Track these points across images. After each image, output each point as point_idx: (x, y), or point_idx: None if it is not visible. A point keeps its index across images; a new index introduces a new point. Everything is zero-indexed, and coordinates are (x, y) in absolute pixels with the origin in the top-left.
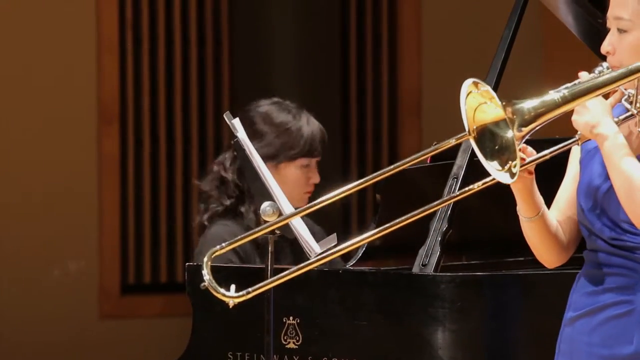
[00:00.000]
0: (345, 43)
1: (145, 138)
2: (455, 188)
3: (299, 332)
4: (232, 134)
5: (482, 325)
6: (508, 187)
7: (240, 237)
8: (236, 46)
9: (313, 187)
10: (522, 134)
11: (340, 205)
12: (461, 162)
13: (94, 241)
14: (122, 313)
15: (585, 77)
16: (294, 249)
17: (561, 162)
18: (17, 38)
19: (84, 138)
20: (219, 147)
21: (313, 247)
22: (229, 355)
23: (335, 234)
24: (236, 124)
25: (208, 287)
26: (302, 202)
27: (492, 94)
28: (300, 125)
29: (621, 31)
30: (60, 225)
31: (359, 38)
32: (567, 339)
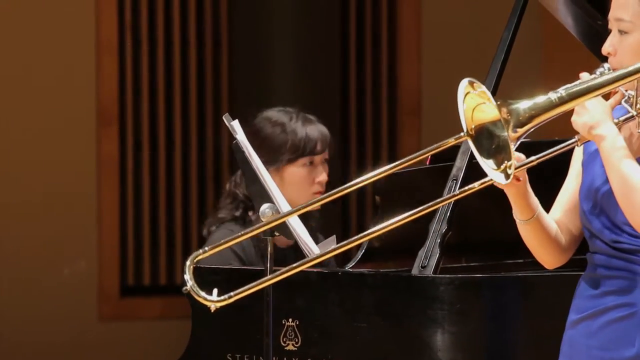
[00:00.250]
0: (345, 44)
1: (144, 140)
2: (454, 189)
3: (298, 334)
4: (231, 136)
5: (482, 327)
6: None
7: (226, 240)
8: (235, 47)
9: (323, 187)
10: (517, 134)
11: (339, 207)
12: (461, 163)
13: (93, 243)
14: (122, 315)
15: (586, 78)
16: (299, 258)
17: (562, 164)
18: (16, 39)
19: (83, 140)
20: (218, 148)
21: (312, 249)
22: (228, 357)
23: (334, 236)
24: (235, 126)
25: (190, 291)
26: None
27: (488, 95)
28: (295, 126)
29: (622, 32)
30: (60, 226)
31: (358, 38)
32: (569, 341)
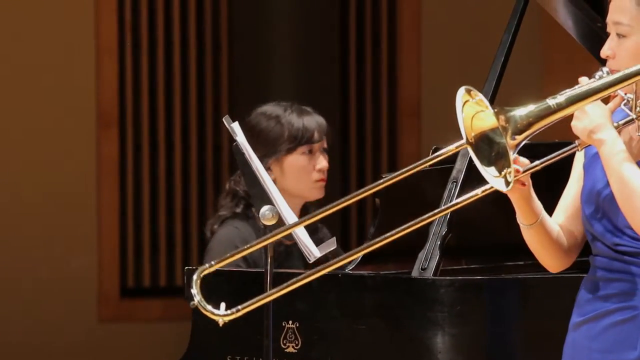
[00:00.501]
0: (345, 47)
1: (144, 142)
2: (454, 192)
3: (298, 336)
4: (231, 138)
5: (482, 329)
6: None
7: (230, 253)
8: (235, 50)
9: (324, 174)
10: (516, 142)
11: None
12: (460, 166)
13: (93, 244)
14: (122, 317)
15: (585, 82)
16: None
17: (563, 168)
18: (17, 41)
19: (83, 141)
20: (218, 150)
21: (312, 251)
22: (228, 359)
23: (334, 238)
24: (235, 127)
25: (198, 306)
26: (316, 190)
27: (485, 103)
28: (291, 117)
29: (620, 36)
30: (60, 228)
31: (358, 42)
32: (572, 344)
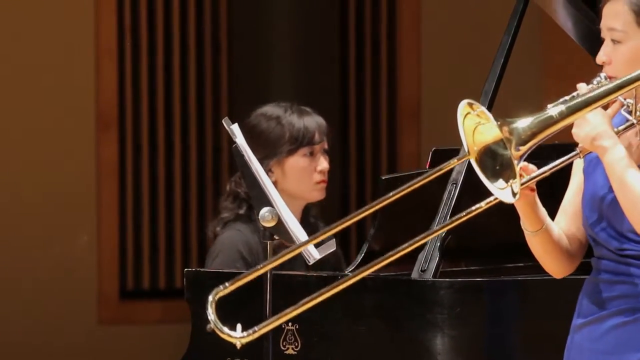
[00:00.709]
0: (345, 49)
1: (143, 144)
2: (454, 193)
3: (298, 338)
4: (230, 140)
5: (482, 331)
6: None
7: (243, 274)
8: (235, 52)
9: (325, 176)
10: (520, 152)
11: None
12: (460, 167)
13: (92, 246)
14: (121, 319)
15: (584, 90)
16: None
17: (563, 173)
18: (16, 42)
19: (83, 143)
20: (218, 152)
21: (312, 252)
22: None
23: (334, 240)
24: (235, 129)
25: (214, 329)
26: (317, 192)
27: (488, 115)
28: (291, 118)
29: (615, 42)
30: (59, 230)
31: (358, 44)
32: (574, 345)
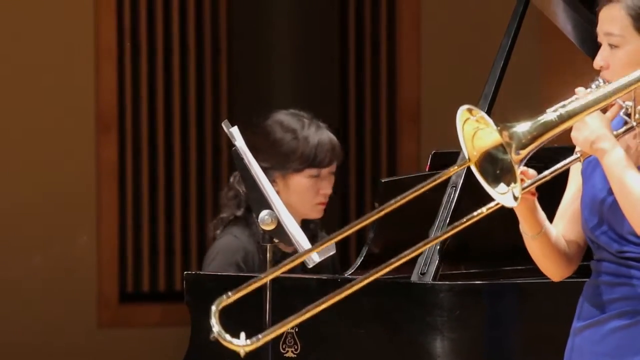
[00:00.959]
0: (344, 51)
1: (143, 146)
2: (454, 196)
3: (298, 341)
4: (230, 142)
5: (481, 334)
6: None
7: (247, 283)
8: (235, 54)
9: (326, 198)
10: (521, 156)
11: (338, 215)
12: (460, 171)
13: (92, 249)
14: (121, 321)
15: (582, 93)
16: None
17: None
18: (16, 43)
19: (82, 145)
20: (217, 155)
21: (312, 256)
22: None
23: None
24: (234, 132)
25: (218, 338)
26: (315, 212)
27: (487, 120)
28: (307, 134)
29: (612, 46)
30: (58, 233)
31: (357, 46)
32: (574, 348)
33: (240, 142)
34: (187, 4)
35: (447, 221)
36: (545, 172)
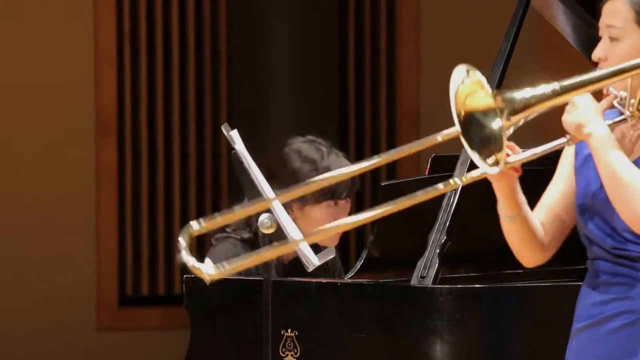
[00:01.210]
0: (344, 53)
1: (142, 149)
2: (453, 199)
3: (297, 345)
4: (229, 146)
5: (481, 337)
6: None
7: (218, 214)
8: (234, 58)
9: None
10: (511, 122)
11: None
12: (460, 173)
13: (92, 252)
14: (120, 325)
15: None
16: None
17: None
18: (15, 49)
19: (82, 149)
20: (217, 158)
21: (311, 258)
22: None
23: (333, 247)
24: (234, 135)
25: (185, 263)
26: (332, 241)
27: (484, 83)
28: (327, 166)
29: (612, 39)
30: (58, 236)
31: (357, 48)
32: (573, 350)
33: (239, 146)
34: (186, 7)
35: (447, 224)
36: (533, 150)
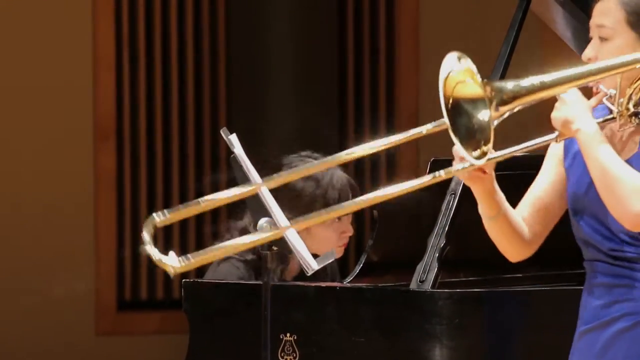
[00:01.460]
0: (343, 58)
1: (141, 154)
2: (453, 204)
3: (296, 349)
4: (229, 150)
5: (480, 342)
6: None
7: (183, 205)
8: (233, 61)
9: (347, 239)
10: (499, 113)
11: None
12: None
13: (90, 257)
14: (119, 330)
15: None
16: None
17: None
18: (14, 54)
19: (81, 154)
20: (216, 162)
21: (310, 262)
22: None
23: (333, 250)
24: (233, 139)
25: (149, 254)
26: (338, 253)
27: (474, 71)
28: (328, 183)
29: (602, 39)
30: (57, 240)
31: (356, 53)
32: (577, 353)
33: (238, 150)
34: (185, 12)
35: (446, 229)
36: (518, 147)
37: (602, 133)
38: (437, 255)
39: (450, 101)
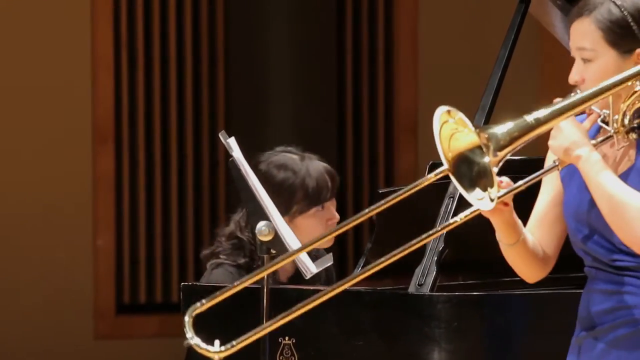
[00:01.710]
0: (342, 62)
1: (140, 157)
2: (451, 207)
3: (295, 352)
4: (227, 153)
5: (479, 345)
6: None
7: (221, 291)
8: (231, 64)
9: (335, 225)
10: (498, 158)
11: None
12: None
13: (89, 260)
14: (117, 333)
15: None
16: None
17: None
18: (12, 57)
19: (79, 157)
20: (214, 165)
21: (309, 266)
22: None
23: (330, 254)
24: (231, 143)
25: (192, 345)
26: (327, 242)
27: (466, 121)
28: (305, 173)
29: (586, 61)
30: (55, 243)
31: (355, 57)
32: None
33: (237, 153)
34: (183, 14)
35: (444, 233)
36: (522, 182)
37: (600, 157)
38: (436, 258)
39: (450, 154)
